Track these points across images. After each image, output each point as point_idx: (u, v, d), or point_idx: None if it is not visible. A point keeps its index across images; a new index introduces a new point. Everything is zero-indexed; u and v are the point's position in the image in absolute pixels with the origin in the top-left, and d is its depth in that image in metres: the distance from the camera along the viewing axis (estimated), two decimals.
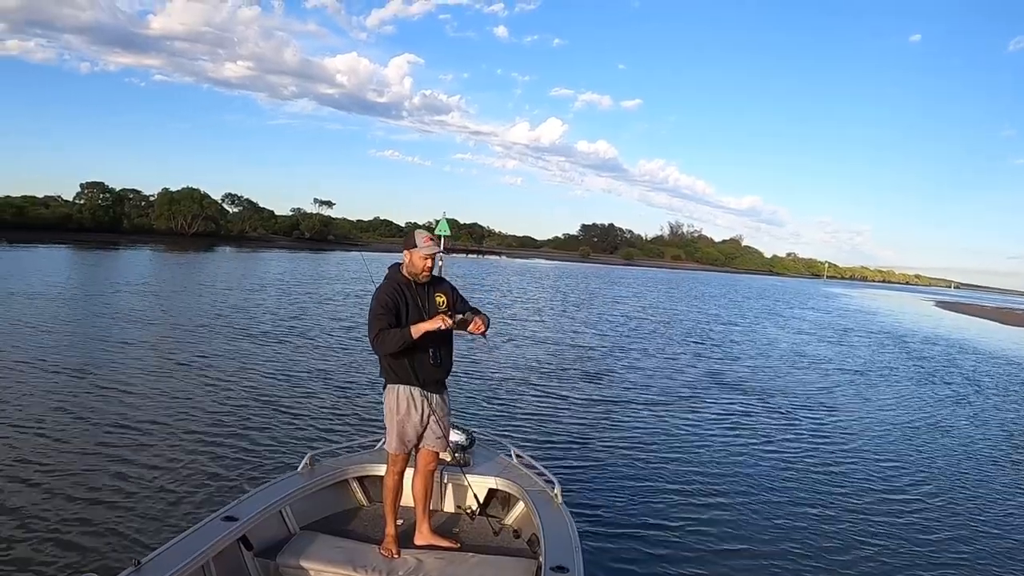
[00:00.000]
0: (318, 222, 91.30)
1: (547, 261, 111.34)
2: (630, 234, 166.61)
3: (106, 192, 67.64)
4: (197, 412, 8.10)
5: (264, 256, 53.93)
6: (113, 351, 11.46)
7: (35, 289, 19.59)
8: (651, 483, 6.80)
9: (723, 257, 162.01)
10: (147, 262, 37.91)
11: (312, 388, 9.85)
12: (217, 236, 73.14)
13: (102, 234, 59.44)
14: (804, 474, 7.58)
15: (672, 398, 11.09)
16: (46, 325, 13.43)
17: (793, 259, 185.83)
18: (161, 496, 5.52)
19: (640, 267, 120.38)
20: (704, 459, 7.81)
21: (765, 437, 9.03)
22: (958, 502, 7.11)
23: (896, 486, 7.48)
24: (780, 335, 23.78)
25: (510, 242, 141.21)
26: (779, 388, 12.92)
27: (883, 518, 6.41)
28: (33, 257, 34.30)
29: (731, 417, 10.05)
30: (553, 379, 11.84)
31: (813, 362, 17.30)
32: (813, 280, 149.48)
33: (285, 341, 13.87)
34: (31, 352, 10.79)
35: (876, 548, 5.68)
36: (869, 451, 8.83)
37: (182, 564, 3.06)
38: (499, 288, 36.78)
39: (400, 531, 3.92)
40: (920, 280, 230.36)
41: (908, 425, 10.72)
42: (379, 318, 3.68)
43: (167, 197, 72.37)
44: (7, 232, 50.92)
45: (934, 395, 13.82)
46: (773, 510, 6.35)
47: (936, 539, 6.04)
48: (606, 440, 8.23)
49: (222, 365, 10.95)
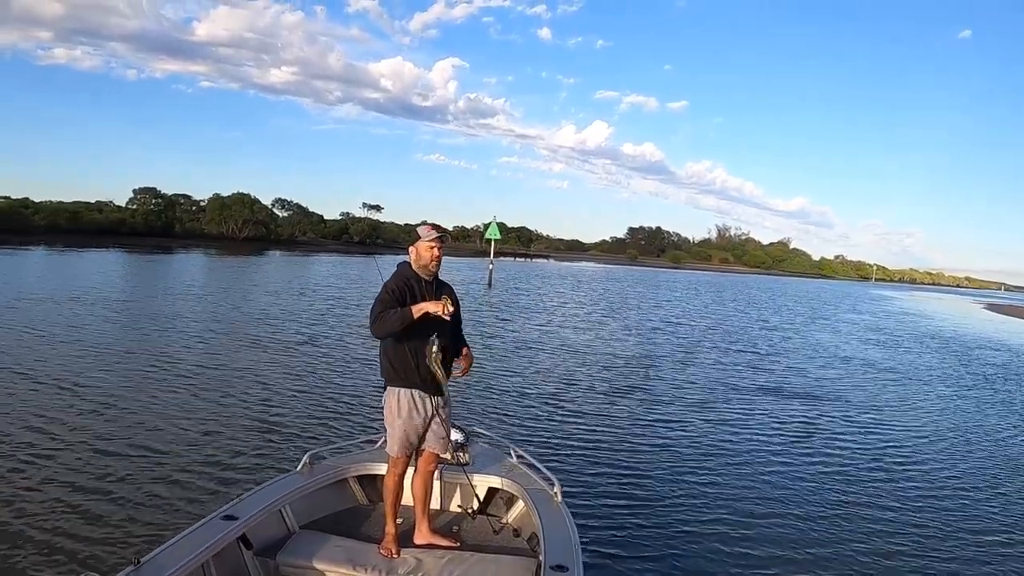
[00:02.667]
0: (367, 226, 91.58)
1: (595, 264, 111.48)
2: (677, 237, 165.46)
3: (158, 197, 68.90)
4: (196, 412, 8.05)
5: (314, 260, 54.17)
6: (112, 351, 11.36)
7: (51, 293, 19.22)
8: (651, 483, 6.72)
9: (770, 260, 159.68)
10: (199, 265, 38.14)
11: (312, 387, 9.81)
12: (268, 240, 73.84)
13: (155, 238, 60.38)
14: (808, 476, 7.37)
15: (675, 399, 10.82)
16: (58, 328, 13.25)
17: (841, 261, 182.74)
18: (161, 495, 5.50)
19: (687, 270, 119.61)
20: (706, 460, 7.64)
21: (769, 440, 8.76)
22: None
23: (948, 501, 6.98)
24: (824, 337, 22.99)
25: (557, 245, 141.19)
26: (796, 391, 12.40)
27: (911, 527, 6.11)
28: (81, 261, 34.58)
29: (735, 419, 9.78)
30: (556, 380, 11.64)
31: (846, 363, 16.75)
32: (861, 283, 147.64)
33: (287, 342, 13.65)
34: (34, 355, 10.66)
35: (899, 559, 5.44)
36: (897, 462, 8.22)
37: (182, 563, 3.04)
38: (540, 292, 35.96)
39: (400, 530, 3.88)
40: (970, 283, 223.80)
41: (963, 433, 10.15)
42: (382, 302, 3.66)
43: (219, 202, 73.40)
44: (62, 236, 52.07)
45: (987, 401, 13.18)
46: (774, 511, 6.20)
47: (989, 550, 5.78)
48: (606, 440, 8.15)
49: (222, 365, 10.91)
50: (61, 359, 10.34)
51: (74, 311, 15.55)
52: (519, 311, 23.55)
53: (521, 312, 23.36)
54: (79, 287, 20.85)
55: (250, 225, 72.99)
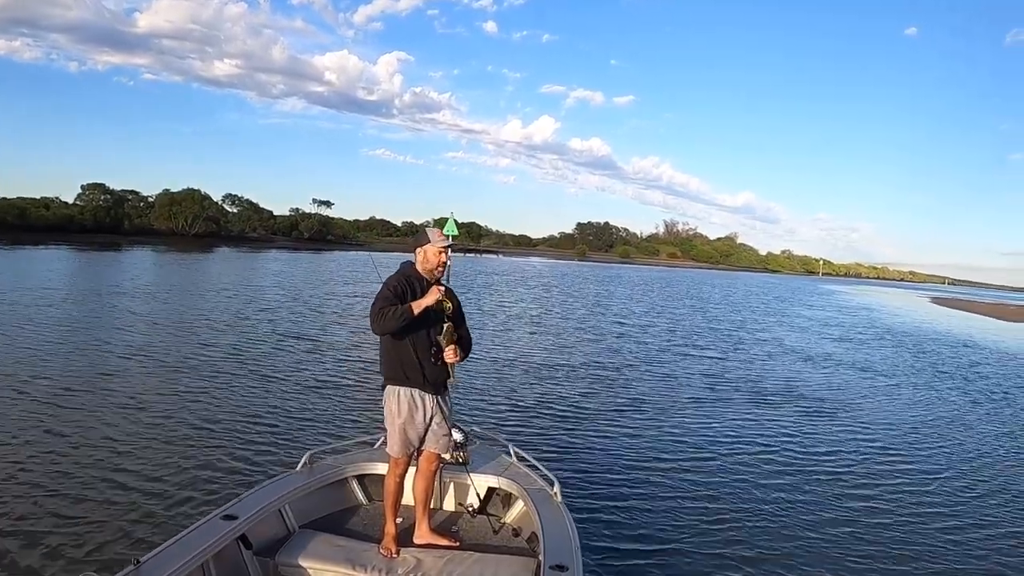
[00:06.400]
0: (317, 222, 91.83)
1: (543, 259, 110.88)
2: (625, 232, 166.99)
3: (107, 193, 68.04)
4: (196, 411, 8.09)
5: (264, 256, 53.96)
6: (112, 351, 11.34)
7: (37, 291, 19.69)
8: (651, 482, 6.80)
9: (718, 255, 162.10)
10: (150, 263, 37.93)
11: (311, 387, 9.83)
12: (217, 236, 73.51)
13: (104, 235, 59.78)
14: (809, 474, 7.48)
15: (672, 398, 11.02)
16: (43, 327, 13.35)
17: (788, 256, 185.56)
18: (160, 495, 5.52)
19: (636, 265, 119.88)
20: (705, 459, 7.76)
21: (766, 438, 8.93)
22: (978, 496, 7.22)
23: (917, 487, 7.40)
24: (785, 335, 23.43)
25: (507, 241, 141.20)
26: (783, 388, 12.77)
27: (897, 520, 6.34)
28: (31, 259, 34.26)
29: (732, 418, 9.94)
30: (554, 379, 11.75)
31: (816, 361, 17.12)
32: (808, 277, 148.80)
33: (283, 339, 13.88)
34: (29, 352, 10.82)
35: (892, 552, 5.62)
36: (880, 453, 8.66)
37: (182, 563, 3.08)
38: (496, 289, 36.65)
39: (399, 530, 3.92)
40: (914, 277, 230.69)
41: (928, 424, 10.68)
42: (384, 298, 3.68)
43: (168, 198, 72.74)
44: (10, 233, 51.05)
45: (946, 392, 13.93)
46: (774, 510, 6.29)
47: (951, 532, 6.16)
48: (606, 439, 8.27)
49: (220, 364, 10.93)
50: (61, 359, 10.41)
51: (76, 312, 15.92)
52: (496, 309, 24.00)
53: (498, 308, 23.99)
54: (79, 285, 21.04)
55: (200, 221, 72.60)
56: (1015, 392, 14.77)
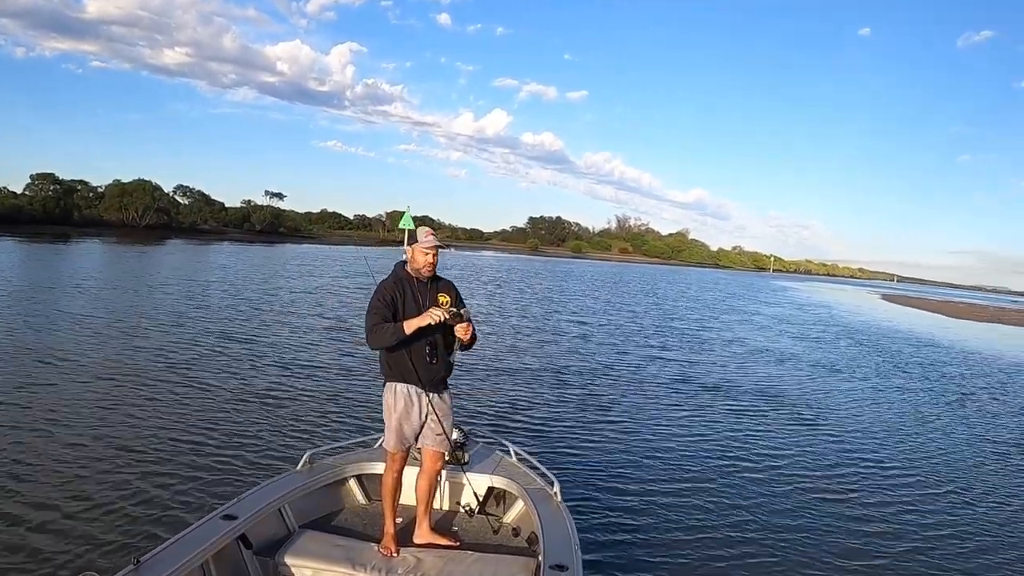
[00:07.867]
0: (269, 214, 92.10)
1: (495, 253, 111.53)
2: (578, 227, 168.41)
3: (56, 183, 67.30)
4: (196, 411, 8.12)
5: (217, 249, 53.78)
6: (108, 351, 11.29)
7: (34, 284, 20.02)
8: (650, 481, 6.89)
9: (670, 250, 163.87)
10: (104, 255, 37.49)
11: (311, 386, 9.91)
12: (169, 228, 73.52)
13: (52, 226, 59.16)
14: (810, 474, 7.62)
15: (673, 398, 11.22)
16: (45, 321, 13.63)
17: (739, 252, 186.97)
18: (160, 495, 5.54)
19: (589, 260, 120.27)
20: (703, 459, 7.87)
21: (766, 439, 9.07)
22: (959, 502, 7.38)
23: (891, 480, 7.77)
24: (753, 335, 23.42)
25: (459, 234, 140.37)
26: (762, 388, 13.00)
27: (885, 513, 6.63)
28: None
29: (732, 418, 10.12)
30: (551, 380, 11.89)
31: (790, 361, 17.34)
32: (759, 274, 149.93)
33: (283, 339, 13.93)
34: (34, 350, 10.89)
35: (879, 547, 5.81)
36: (883, 451, 9.05)
37: (181, 562, 3.09)
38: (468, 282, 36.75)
39: (399, 529, 3.95)
40: (863, 274, 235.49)
41: (901, 424, 10.99)
42: (375, 313, 3.77)
43: (118, 189, 72.43)
44: None
45: (906, 389, 14.53)
46: (774, 510, 6.41)
47: (923, 525, 6.43)
48: (605, 439, 8.38)
49: (219, 364, 10.95)
50: (59, 359, 10.37)
51: (69, 306, 16.16)
52: None
53: None
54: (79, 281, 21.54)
55: (151, 213, 72.65)
56: (981, 390, 15.49)
